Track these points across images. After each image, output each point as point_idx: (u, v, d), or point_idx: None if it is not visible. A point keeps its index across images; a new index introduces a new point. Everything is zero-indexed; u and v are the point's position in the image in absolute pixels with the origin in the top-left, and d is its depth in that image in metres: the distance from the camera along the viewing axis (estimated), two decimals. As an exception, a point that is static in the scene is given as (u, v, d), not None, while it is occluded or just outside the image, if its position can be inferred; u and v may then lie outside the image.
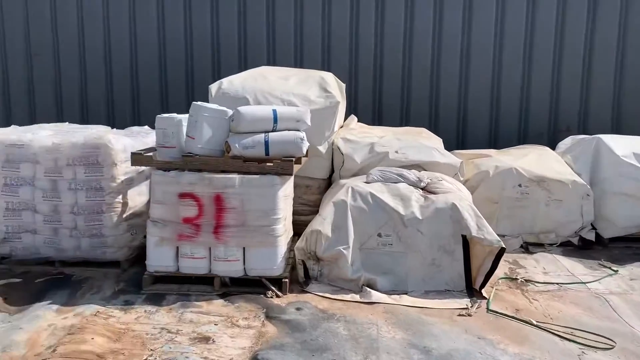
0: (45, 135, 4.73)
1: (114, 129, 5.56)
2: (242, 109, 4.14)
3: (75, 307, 3.75)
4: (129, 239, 4.54)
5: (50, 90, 7.41)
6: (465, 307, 3.89)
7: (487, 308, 3.88)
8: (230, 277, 4.11)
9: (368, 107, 7.18)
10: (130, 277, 4.35)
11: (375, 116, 7.20)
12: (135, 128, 5.61)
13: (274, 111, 4.18)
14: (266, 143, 4.10)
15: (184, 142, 4.20)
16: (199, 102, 4.23)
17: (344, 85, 5.72)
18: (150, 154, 4.29)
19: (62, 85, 7.39)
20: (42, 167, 4.40)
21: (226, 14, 7.13)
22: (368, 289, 4.06)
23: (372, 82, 7.18)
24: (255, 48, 7.16)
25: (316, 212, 5.21)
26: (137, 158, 4.22)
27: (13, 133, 4.89)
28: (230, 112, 4.21)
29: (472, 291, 4.15)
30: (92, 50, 7.29)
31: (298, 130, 4.27)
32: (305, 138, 4.20)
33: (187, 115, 4.25)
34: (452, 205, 4.20)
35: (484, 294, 4.09)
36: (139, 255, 4.64)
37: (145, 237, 4.70)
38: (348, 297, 4.02)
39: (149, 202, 4.80)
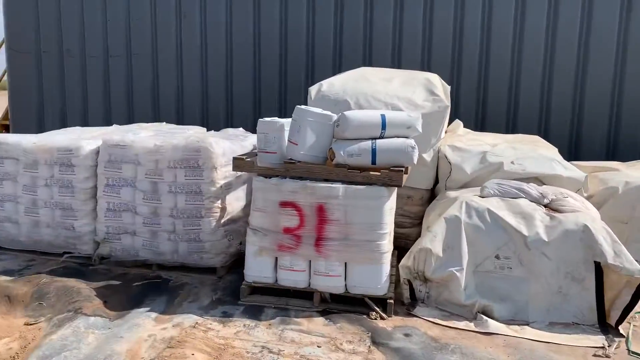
0: (146, 136, 4.70)
1: (211, 131, 5.50)
2: (349, 113, 3.85)
3: (174, 316, 3.62)
4: (225, 245, 4.39)
5: (148, 90, 7.53)
6: (602, 346, 3.36)
7: (628, 349, 3.34)
8: (330, 293, 3.84)
9: (470, 111, 6.70)
10: (227, 285, 4.20)
11: (478, 121, 6.69)
12: (230, 130, 5.52)
13: (383, 116, 3.85)
14: (373, 151, 3.78)
15: (285, 148, 3.98)
16: (302, 106, 3.99)
17: (449, 87, 5.29)
18: (250, 159, 4.10)
19: (159, 85, 7.49)
20: (143, 168, 4.35)
21: (322, 11, 6.91)
22: (484, 317, 3.64)
23: (476, 85, 6.69)
24: (350, 47, 6.88)
25: (417, 224, 4.88)
26: (238, 163, 4.04)
27: (115, 133, 4.93)
28: (335, 116, 3.94)
29: (606, 327, 3.61)
30: (189, 52, 7.33)
31: (407, 138, 3.92)
32: (416, 146, 3.84)
33: (289, 120, 4.04)
34: (584, 227, 3.67)
35: (621, 331, 3.54)
36: (235, 262, 4.51)
37: (241, 243, 4.58)
38: (461, 324, 3.62)
39: (245, 207, 4.68)
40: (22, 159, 4.64)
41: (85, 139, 4.66)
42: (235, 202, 4.57)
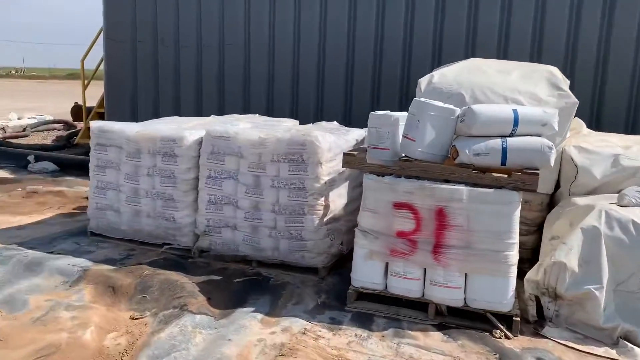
0: (246, 127, 4.55)
1: (309, 125, 5.28)
2: (476, 107, 3.48)
3: (280, 319, 3.42)
4: (327, 244, 4.16)
5: (239, 80, 7.44)
6: None
7: None
8: (447, 306, 3.51)
9: (584, 108, 6.04)
10: (330, 288, 3.96)
11: (592, 120, 6.08)
12: (324, 123, 5.29)
13: (515, 112, 3.46)
14: (504, 150, 3.39)
15: (399, 144, 3.67)
16: (422, 99, 3.66)
17: (568, 81, 4.78)
18: (361, 155, 3.83)
19: (250, 76, 7.38)
20: (246, 161, 4.20)
21: (422, 7, 6.52)
22: (628, 344, 3.19)
23: (591, 82, 6.08)
24: (451, 43, 6.44)
25: (534, 232, 4.45)
26: (349, 159, 3.78)
27: (215, 124, 4.82)
28: (458, 110, 3.58)
29: None
30: (281, 44, 7.16)
31: (540, 136, 3.51)
32: (554, 147, 3.42)
33: (403, 114, 3.73)
34: None
35: None
36: (336, 263, 4.28)
37: (342, 243, 4.34)
38: (601, 351, 3.19)
39: (347, 205, 4.43)
40: (125, 148, 4.61)
41: (187, 129, 4.57)
42: (337, 199, 4.32)
